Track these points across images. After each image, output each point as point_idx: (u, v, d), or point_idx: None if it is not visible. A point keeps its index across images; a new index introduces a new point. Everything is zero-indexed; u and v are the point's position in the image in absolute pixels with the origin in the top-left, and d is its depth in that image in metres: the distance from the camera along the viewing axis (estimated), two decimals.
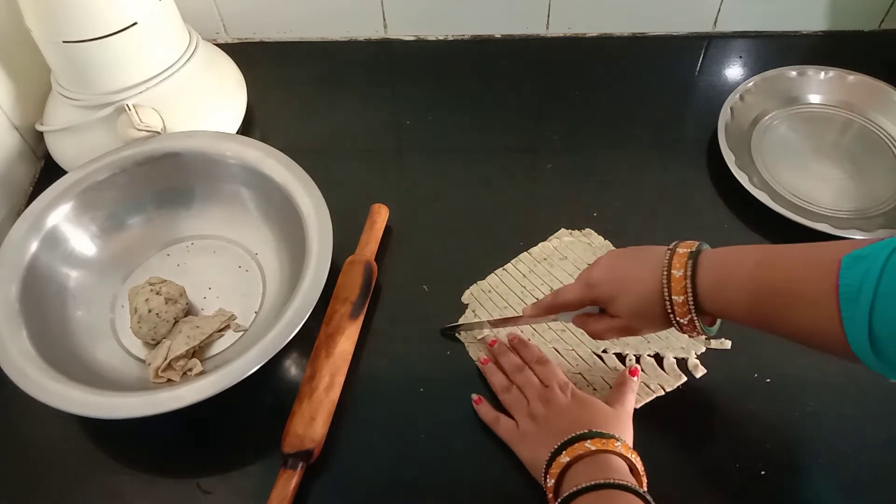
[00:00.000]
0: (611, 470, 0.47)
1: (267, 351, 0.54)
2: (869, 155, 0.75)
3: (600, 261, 0.53)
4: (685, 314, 0.47)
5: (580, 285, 0.53)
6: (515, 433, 0.55)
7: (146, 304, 0.60)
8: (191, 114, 0.73)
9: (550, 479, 0.49)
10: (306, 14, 0.89)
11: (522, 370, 0.58)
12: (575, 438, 0.50)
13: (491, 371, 0.60)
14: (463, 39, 0.91)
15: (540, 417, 0.54)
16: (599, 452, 0.49)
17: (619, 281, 0.51)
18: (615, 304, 0.51)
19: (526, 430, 0.54)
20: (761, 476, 0.54)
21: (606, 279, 0.51)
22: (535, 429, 0.54)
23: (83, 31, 0.65)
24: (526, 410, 0.55)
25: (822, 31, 0.89)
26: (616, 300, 0.51)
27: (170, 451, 0.58)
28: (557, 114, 0.82)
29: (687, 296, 0.46)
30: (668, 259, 0.48)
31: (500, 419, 0.56)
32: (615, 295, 0.51)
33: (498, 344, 0.61)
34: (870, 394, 0.58)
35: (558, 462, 0.49)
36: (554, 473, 0.49)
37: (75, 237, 0.66)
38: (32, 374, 0.54)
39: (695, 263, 0.47)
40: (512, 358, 0.59)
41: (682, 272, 0.46)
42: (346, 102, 0.84)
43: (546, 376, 0.57)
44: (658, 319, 0.49)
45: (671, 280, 0.47)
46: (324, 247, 0.60)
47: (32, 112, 0.77)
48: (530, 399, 0.56)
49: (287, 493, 0.52)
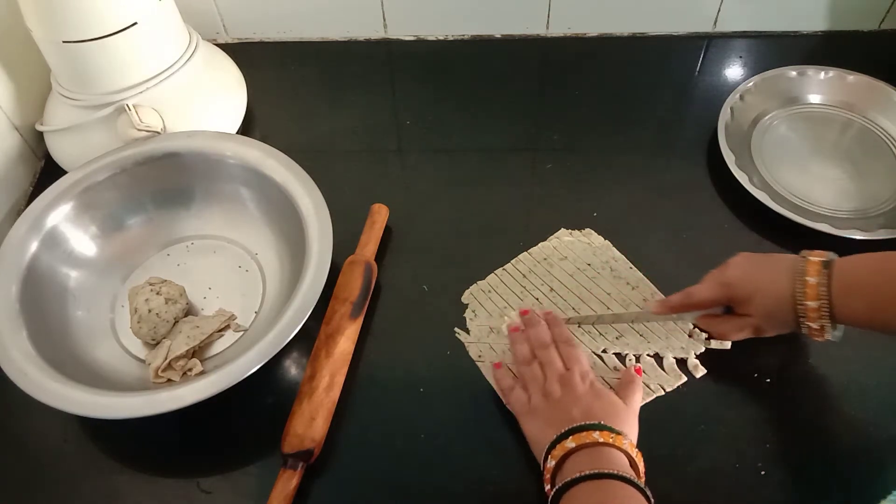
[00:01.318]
0: (613, 463, 0.48)
1: (267, 351, 0.54)
2: (869, 155, 0.75)
3: (733, 262, 0.56)
4: (817, 319, 0.51)
5: (715, 285, 0.56)
6: (526, 406, 0.55)
7: (146, 304, 0.60)
8: (191, 114, 0.73)
9: (551, 461, 0.50)
10: (306, 14, 0.89)
11: (548, 347, 0.58)
12: (584, 427, 0.50)
13: (517, 340, 0.60)
14: (463, 39, 0.91)
15: (553, 397, 0.54)
16: (606, 445, 0.49)
17: (755, 282, 0.54)
18: (749, 303, 0.54)
19: (537, 406, 0.54)
20: (761, 476, 0.54)
21: (743, 279, 0.55)
22: (546, 407, 0.54)
23: (83, 31, 0.65)
24: (541, 387, 0.55)
25: (822, 31, 0.89)
26: (751, 300, 0.54)
27: (170, 451, 0.58)
28: (557, 114, 0.82)
29: (821, 302, 0.51)
30: (802, 266, 0.52)
31: (516, 390, 0.57)
32: (751, 295, 0.54)
33: (531, 314, 0.61)
34: (870, 394, 0.58)
35: (563, 445, 0.50)
36: (556, 455, 0.49)
37: (75, 237, 0.66)
38: (32, 374, 0.54)
39: (829, 272, 0.50)
40: (541, 332, 0.59)
41: (817, 279, 0.51)
42: (346, 102, 0.84)
43: (569, 359, 0.57)
44: (787, 322, 0.54)
45: (806, 286, 0.51)
46: (324, 247, 0.60)
47: (32, 112, 0.77)
48: (548, 377, 0.56)
49: (287, 493, 0.52)
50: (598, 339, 0.62)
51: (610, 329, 0.63)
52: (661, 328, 0.62)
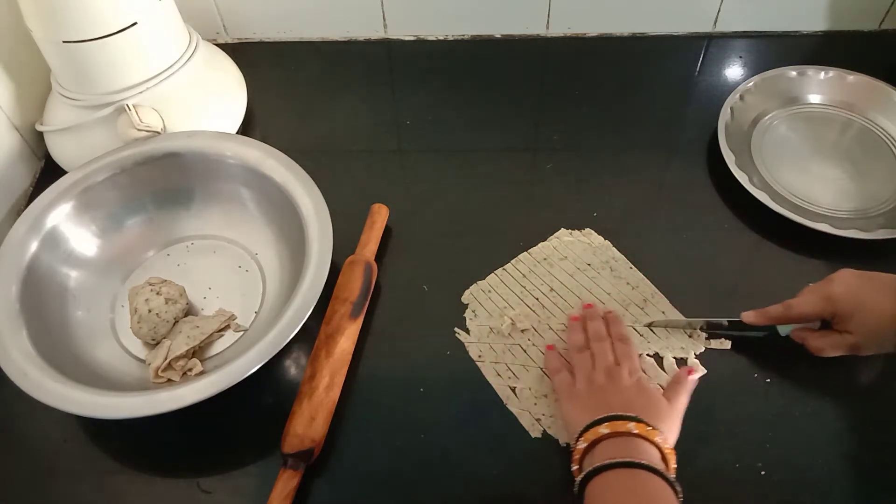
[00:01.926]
0: (644, 454, 0.48)
1: (267, 351, 0.54)
2: (869, 155, 0.75)
3: (837, 277, 0.56)
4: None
5: (818, 299, 0.55)
6: (570, 388, 0.56)
7: (146, 304, 0.60)
8: (191, 114, 0.73)
9: (583, 443, 0.50)
10: (306, 14, 0.89)
11: (603, 340, 0.59)
12: (621, 416, 0.51)
13: (574, 328, 0.61)
14: (463, 39, 0.91)
15: (597, 385, 0.55)
16: (639, 437, 0.50)
17: (860, 299, 0.54)
18: (851, 321, 0.54)
19: (580, 390, 0.55)
20: (761, 476, 0.54)
21: (847, 295, 0.54)
22: (588, 392, 0.55)
23: (83, 31, 0.65)
24: (588, 374, 0.56)
25: (822, 31, 0.89)
26: (853, 317, 0.54)
27: (170, 451, 0.58)
28: (557, 114, 0.82)
29: None
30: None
31: (562, 372, 0.58)
32: (853, 312, 0.54)
33: (593, 308, 0.63)
34: (870, 394, 0.58)
35: (596, 430, 0.50)
36: (588, 438, 0.50)
37: (75, 237, 0.66)
38: (32, 374, 0.54)
39: None
40: (599, 326, 0.60)
41: None
42: (346, 102, 0.84)
43: (621, 355, 0.58)
44: (888, 342, 0.53)
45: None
46: (324, 247, 0.60)
47: (32, 112, 0.77)
48: (597, 367, 0.57)
49: (287, 493, 0.52)
50: None
51: None
52: (661, 328, 0.62)
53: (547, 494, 0.54)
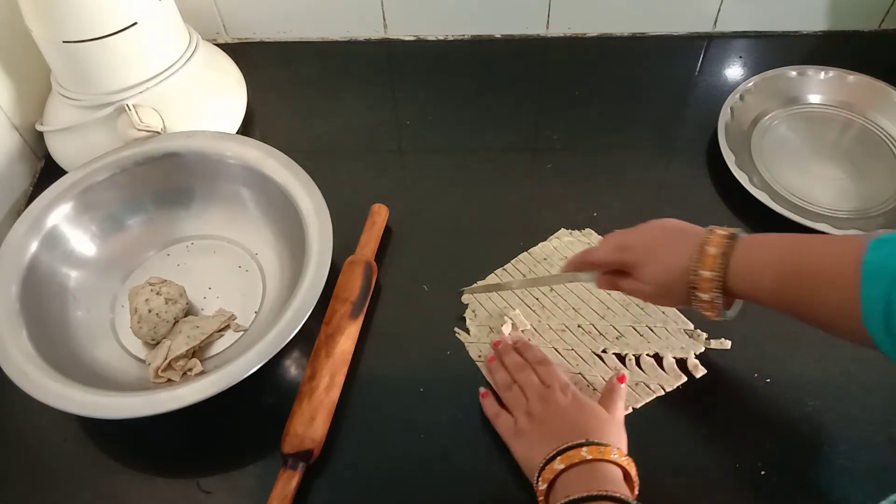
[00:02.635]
0: (605, 480, 0.48)
1: (267, 351, 0.54)
2: (869, 155, 0.75)
3: (638, 227, 0.54)
4: (709, 290, 0.48)
5: (612, 247, 0.54)
6: (512, 430, 0.55)
7: (146, 304, 0.60)
8: (191, 114, 0.73)
9: (543, 483, 0.49)
10: (306, 14, 0.89)
11: (524, 369, 0.58)
12: (571, 446, 0.50)
13: (495, 368, 0.60)
14: (463, 39, 0.91)
15: (537, 416, 0.54)
16: (595, 461, 0.49)
17: (652, 249, 0.52)
18: (642, 270, 0.52)
19: (523, 428, 0.54)
20: (761, 476, 0.54)
21: (639, 245, 0.53)
22: (531, 427, 0.54)
23: (83, 31, 0.65)
24: (524, 408, 0.55)
25: (822, 31, 0.89)
26: (645, 267, 0.52)
27: (170, 451, 0.59)
28: (557, 113, 0.82)
29: (715, 273, 0.48)
30: (704, 237, 0.49)
31: (501, 414, 0.57)
32: (645, 261, 0.52)
33: (502, 344, 0.61)
34: (870, 394, 0.58)
35: (552, 468, 0.49)
36: (547, 478, 0.49)
37: (75, 237, 0.66)
38: (32, 374, 0.54)
39: (731, 245, 0.48)
40: (514, 357, 0.60)
41: (718, 250, 0.48)
42: (346, 102, 0.84)
43: (547, 377, 0.57)
44: (679, 293, 0.51)
45: (704, 255, 0.48)
46: (324, 247, 0.60)
47: (32, 112, 0.77)
48: (529, 398, 0.56)
49: (287, 493, 0.52)
50: (598, 339, 0.62)
51: (610, 329, 0.63)
52: (661, 328, 0.62)
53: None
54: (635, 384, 0.59)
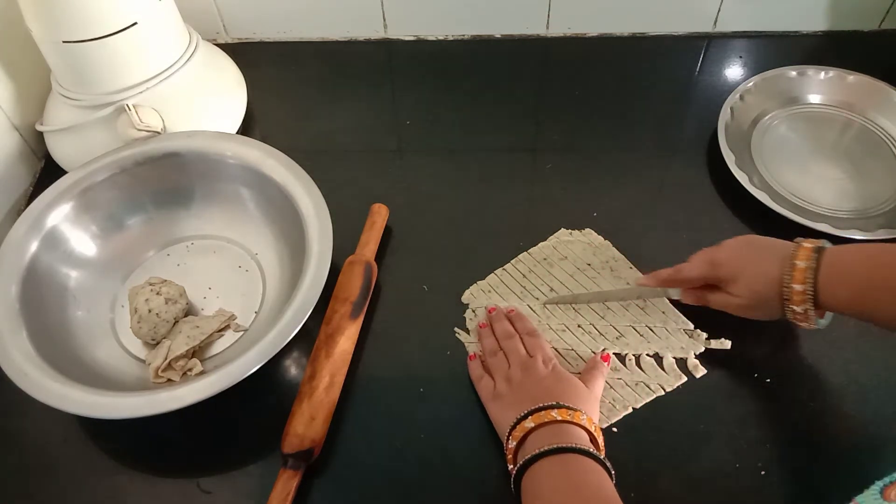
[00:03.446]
0: (573, 438, 0.50)
1: (267, 351, 0.54)
2: (869, 155, 0.75)
3: (727, 243, 0.57)
4: (802, 303, 0.52)
5: (703, 263, 0.57)
6: (491, 392, 0.57)
7: (146, 304, 0.60)
8: (191, 114, 0.73)
9: (512, 441, 0.51)
10: (306, 14, 0.89)
11: (512, 338, 0.60)
12: (543, 407, 0.52)
13: (484, 334, 0.62)
14: (463, 39, 0.91)
15: (515, 382, 0.56)
16: (564, 422, 0.51)
17: (743, 264, 0.55)
18: (735, 284, 0.55)
19: (501, 391, 0.56)
20: (761, 476, 0.54)
21: (731, 260, 0.56)
22: (508, 391, 0.56)
23: (83, 31, 0.65)
24: (505, 373, 0.57)
25: (822, 31, 0.89)
26: (737, 280, 0.55)
27: (170, 451, 0.58)
28: (557, 114, 0.82)
29: (806, 286, 0.51)
30: (793, 251, 0.52)
31: (484, 378, 0.59)
32: (737, 275, 0.55)
33: (496, 311, 0.63)
34: (870, 394, 0.58)
35: (522, 426, 0.51)
36: (517, 436, 0.51)
37: (75, 237, 0.66)
38: (32, 374, 0.54)
39: (819, 257, 0.51)
40: (505, 325, 0.62)
41: (806, 264, 0.51)
42: (346, 102, 0.84)
43: (532, 347, 0.59)
44: (772, 306, 0.54)
45: (794, 270, 0.52)
46: (324, 247, 0.60)
47: (32, 112, 0.77)
48: (512, 364, 0.58)
49: (287, 493, 0.52)
50: (597, 339, 0.62)
51: (610, 329, 0.63)
52: (661, 328, 0.62)
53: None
54: (635, 384, 0.59)
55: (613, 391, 0.59)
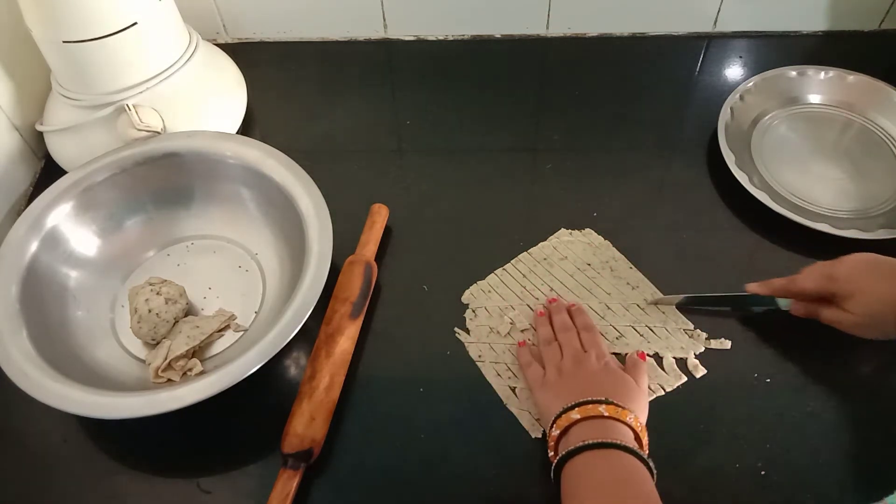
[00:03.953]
0: (618, 434, 0.50)
1: (267, 351, 0.54)
2: (869, 155, 0.75)
3: (846, 259, 0.56)
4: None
5: (821, 277, 0.57)
6: (540, 379, 0.57)
7: (146, 304, 0.60)
8: (191, 114, 0.73)
9: (556, 430, 0.52)
10: (306, 14, 0.89)
11: (569, 331, 0.60)
12: (591, 401, 0.52)
13: (541, 322, 0.62)
14: (463, 39, 0.91)
15: (567, 373, 0.56)
16: (610, 419, 0.51)
17: (859, 281, 0.55)
18: (851, 301, 0.55)
19: (550, 380, 0.56)
20: (761, 476, 0.54)
21: (850, 276, 0.55)
22: (558, 381, 0.56)
23: (83, 31, 0.65)
24: (557, 363, 0.57)
25: (822, 31, 0.89)
26: (853, 298, 0.55)
27: (170, 451, 0.59)
28: (557, 114, 0.82)
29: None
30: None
31: (533, 364, 0.59)
32: (852, 293, 0.55)
33: (557, 302, 0.64)
34: (870, 394, 0.58)
35: (568, 416, 0.51)
36: (561, 425, 0.51)
37: (75, 237, 0.66)
38: (32, 374, 0.54)
39: None
40: (564, 317, 0.62)
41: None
42: (346, 102, 0.84)
43: (588, 342, 0.59)
44: (887, 326, 0.53)
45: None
46: (324, 247, 0.60)
47: (32, 112, 0.77)
48: (565, 355, 0.58)
49: (287, 493, 0.52)
50: None
51: (610, 329, 0.63)
52: (661, 328, 0.62)
53: (547, 494, 0.54)
54: None
55: None
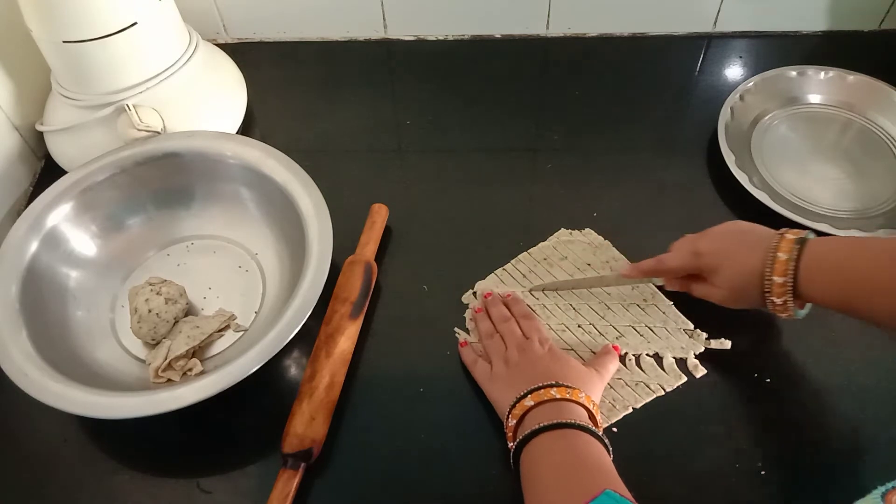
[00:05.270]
0: (572, 414, 0.51)
1: (267, 351, 0.54)
2: (869, 155, 0.75)
3: (710, 232, 0.57)
4: (782, 294, 0.51)
5: (686, 253, 0.57)
6: (488, 374, 0.58)
7: (146, 304, 0.60)
8: (191, 114, 0.73)
9: (512, 420, 0.52)
10: (306, 14, 0.89)
11: (508, 321, 0.61)
12: (542, 386, 0.53)
13: (480, 318, 0.63)
14: (463, 39, 0.91)
15: (513, 363, 0.57)
16: (563, 400, 0.51)
17: (725, 255, 0.55)
18: (717, 275, 0.55)
19: (498, 373, 0.57)
20: (761, 476, 0.54)
21: (713, 250, 0.55)
22: (506, 372, 0.56)
23: (83, 31, 0.65)
24: (502, 355, 0.58)
25: (822, 31, 0.89)
26: (719, 272, 0.55)
27: (170, 451, 0.59)
28: (557, 114, 0.82)
29: (787, 278, 0.51)
30: (776, 242, 0.52)
31: (479, 361, 0.59)
32: (719, 266, 0.55)
33: (492, 296, 0.64)
34: (870, 394, 0.58)
35: (522, 404, 0.52)
36: (516, 414, 0.52)
37: (75, 237, 0.66)
38: (32, 374, 0.54)
39: (800, 249, 0.50)
40: (501, 309, 0.62)
41: (788, 256, 0.51)
42: (346, 102, 0.84)
43: (529, 330, 0.60)
44: (753, 297, 0.54)
45: (775, 262, 0.51)
46: (324, 247, 0.60)
47: (32, 112, 0.77)
48: (508, 346, 0.58)
49: (287, 493, 0.52)
50: (597, 339, 0.62)
51: (610, 329, 0.63)
52: (661, 328, 0.62)
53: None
54: (635, 384, 0.59)
55: (613, 391, 0.59)
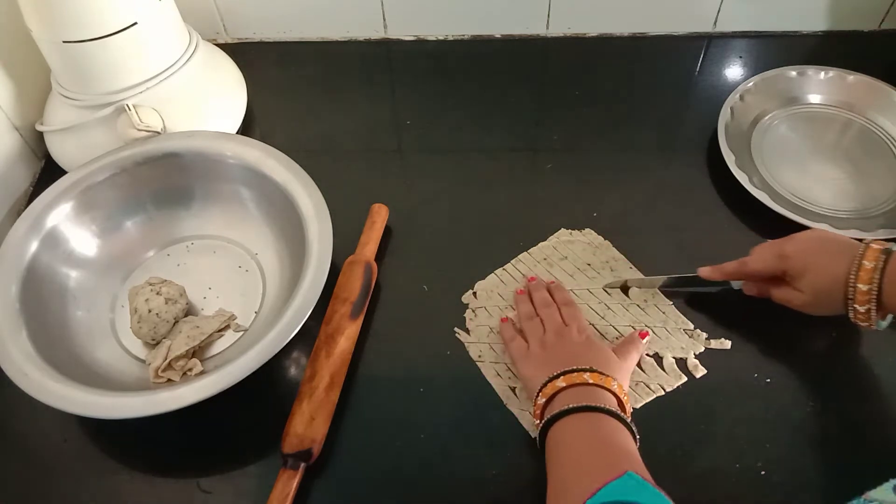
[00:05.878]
0: (602, 400, 0.51)
1: (267, 351, 0.54)
2: (869, 155, 0.75)
3: (795, 237, 0.57)
4: (865, 303, 0.52)
5: (771, 256, 0.57)
6: (524, 352, 0.58)
7: (146, 304, 0.60)
8: (191, 114, 0.73)
9: (542, 398, 0.53)
10: (306, 14, 0.89)
11: (549, 306, 0.62)
12: (575, 369, 0.53)
13: (521, 300, 0.64)
14: (463, 39, 0.91)
15: (549, 345, 0.57)
16: (594, 385, 0.52)
17: (811, 259, 0.55)
18: (801, 279, 0.56)
19: (534, 352, 0.58)
20: (761, 476, 0.54)
21: (799, 254, 0.56)
22: (541, 353, 0.57)
23: (83, 31, 0.65)
24: (540, 337, 0.59)
25: (822, 31, 0.89)
26: (803, 276, 0.55)
27: (170, 451, 0.59)
28: (557, 113, 0.82)
29: (872, 286, 0.51)
30: (861, 251, 0.53)
31: (517, 338, 0.60)
32: (804, 270, 0.55)
33: (536, 280, 0.65)
34: (870, 394, 0.58)
35: (554, 384, 0.53)
36: (547, 393, 0.53)
37: (75, 237, 0.66)
38: (32, 374, 0.54)
39: (886, 260, 0.51)
40: (543, 294, 0.63)
41: (874, 264, 0.51)
42: (346, 102, 0.84)
43: (568, 316, 0.60)
44: (836, 304, 0.54)
45: (861, 269, 0.52)
46: (324, 247, 0.60)
47: (32, 112, 0.77)
48: (547, 330, 0.59)
49: (287, 493, 0.52)
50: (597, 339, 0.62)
51: (610, 329, 0.63)
52: (661, 328, 0.62)
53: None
54: (635, 384, 0.59)
55: None
